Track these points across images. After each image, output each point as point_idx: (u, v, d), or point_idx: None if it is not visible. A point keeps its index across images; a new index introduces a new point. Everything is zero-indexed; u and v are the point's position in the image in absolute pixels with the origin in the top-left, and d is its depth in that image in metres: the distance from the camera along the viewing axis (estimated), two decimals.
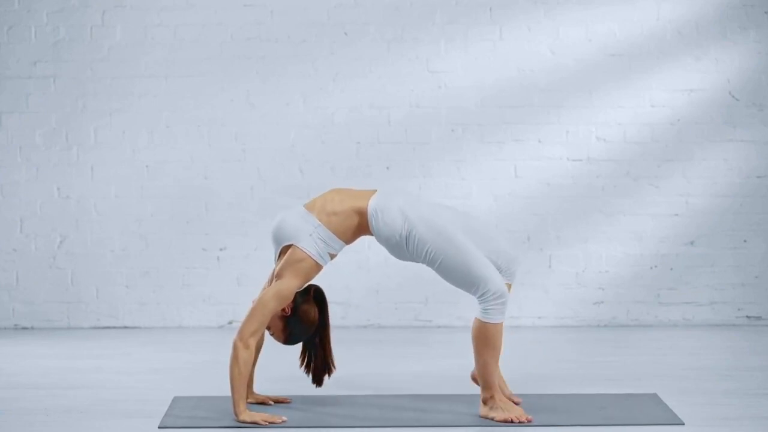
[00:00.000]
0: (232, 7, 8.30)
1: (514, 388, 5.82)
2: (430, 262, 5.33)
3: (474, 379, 5.64)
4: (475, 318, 5.32)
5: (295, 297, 5.37)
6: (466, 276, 5.28)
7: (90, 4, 8.31)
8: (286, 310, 5.35)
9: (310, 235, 5.32)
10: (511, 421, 5.26)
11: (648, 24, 8.35)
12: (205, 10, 8.31)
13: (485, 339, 5.29)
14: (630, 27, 8.35)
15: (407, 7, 8.33)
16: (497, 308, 5.27)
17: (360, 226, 5.38)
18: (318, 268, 5.33)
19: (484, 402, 5.36)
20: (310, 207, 5.39)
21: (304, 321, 5.39)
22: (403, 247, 5.37)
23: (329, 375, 5.49)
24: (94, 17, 8.32)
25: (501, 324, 5.30)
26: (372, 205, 5.35)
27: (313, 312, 5.40)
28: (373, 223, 5.35)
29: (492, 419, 5.30)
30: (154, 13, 8.31)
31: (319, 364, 5.46)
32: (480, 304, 5.29)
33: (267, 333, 5.50)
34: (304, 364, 5.49)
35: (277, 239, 5.40)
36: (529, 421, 5.26)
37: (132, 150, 8.34)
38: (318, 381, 5.49)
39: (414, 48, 8.34)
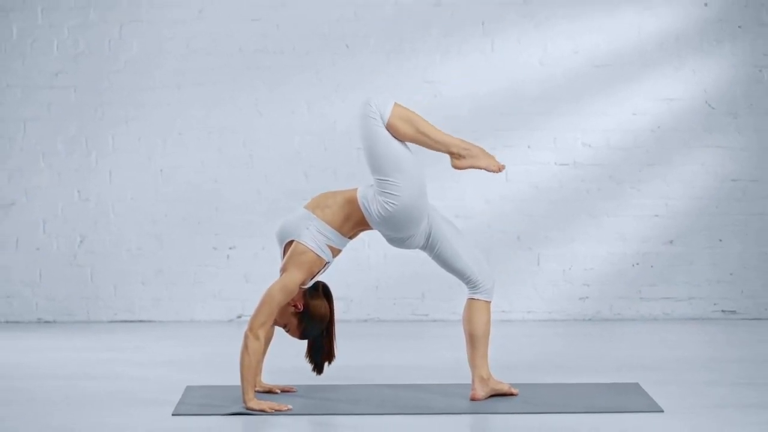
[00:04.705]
0: (241, 21, 8.30)
1: (505, 378, 5.82)
2: (406, 190, 5.27)
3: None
4: None
5: (305, 294, 5.37)
6: None
7: (108, 20, 8.31)
8: (299, 307, 5.35)
9: (308, 228, 5.31)
10: (496, 168, 5.31)
11: (631, 37, 8.35)
12: (216, 24, 8.30)
13: (401, 122, 5.25)
14: (614, 40, 8.35)
15: (405, 21, 8.33)
16: (383, 103, 5.26)
17: (352, 215, 5.34)
18: (320, 261, 5.31)
19: (460, 157, 5.36)
20: (307, 207, 5.40)
21: (316, 316, 5.38)
22: (400, 221, 5.30)
23: (329, 363, 5.49)
24: (111, 31, 8.32)
25: (397, 104, 5.24)
26: (361, 191, 5.35)
27: (324, 306, 5.40)
28: (366, 207, 5.31)
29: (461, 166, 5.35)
30: (168, 27, 8.31)
31: (322, 353, 5.46)
32: None
33: (282, 330, 5.49)
34: (309, 353, 5.49)
35: (280, 238, 5.42)
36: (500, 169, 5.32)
37: (147, 156, 8.34)
38: (319, 369, 5.49)
39: (411, 59, 8.33)
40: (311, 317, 5.38)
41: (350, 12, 8.32)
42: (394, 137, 5.27)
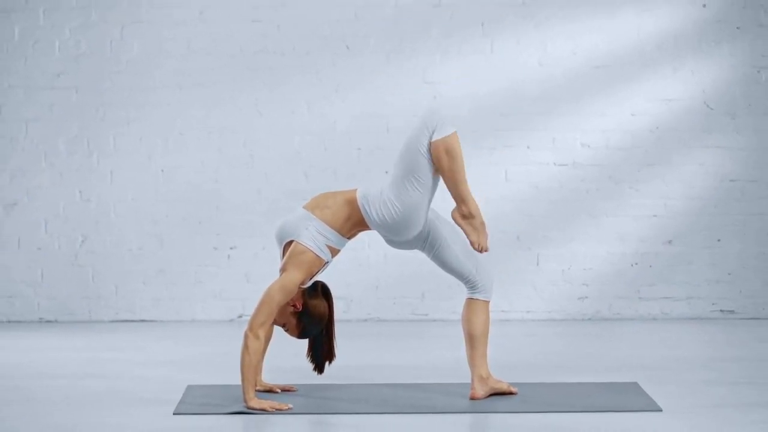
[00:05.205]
0: (241, 22, 8.30)
1: (505, 377, 5.82)
2: (414, 191, 5.27)
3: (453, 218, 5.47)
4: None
5: (304, 294, 5.37)
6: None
7: (109, 20, 8.31)
8: (297, 306, 5.35)
9: (307, 228, 5.32)
10: (480, 248, 5.31)
11: (630, 38, 8.34)
12: (216, 24, 8.30)
13: (442, 152, 5.22)
14: (613, 41, 8.35)
15: (405, 22, 8.33)
16: (442, 124, 5.24)
17: (352, 216, 5.35)
18: (319, 261, 5.31)
19: (463, 216, 5.34)
20: (306, 207, 5.40)
21: (315, 315, 5.38)
22: (398, 226, 5.31)
23: (330, 362, 5.48)
24: (113, 32, 8.32)
25: (453, 134, 5.21)
26: (360, 192, 5.35)
27: (323, 306, 5.39)
28: (365, 207, 5.32)
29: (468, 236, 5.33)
30: (169, 28, 8.31)
31: (322, 352, 5.46)
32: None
33: (280, 329, 5.49)
34: (310, 353, 5.49)
35: (279, 238, 5.42)
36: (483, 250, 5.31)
37: (148, 156, 8.34)
38: (320, 368, 5.49)
39: (411, 60, 8.33)
40: (310, 317, 5.37)
41: (350, 13, 8.32)
42: (428, 160, 5.24)
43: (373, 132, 8.33)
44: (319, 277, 5.44)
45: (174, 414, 5.18)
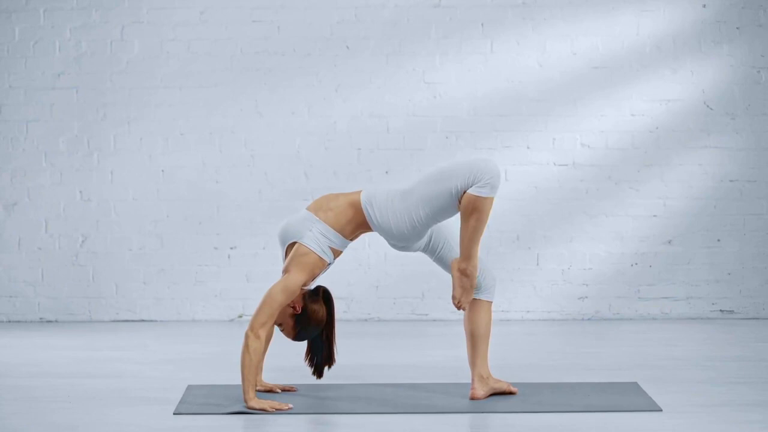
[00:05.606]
0: (242, 23, 8.29)
1: (504, 377, 5.81)
2: (427, 217, 5.27)
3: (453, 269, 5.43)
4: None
5: (305, 297, 5.36)
6: (452, 200, 5.24)
7: (110, 20, 8.30)
8: (297, 308, 5.34)
9: (310, 230, 5.32)
10: (458, 305, 5.29)
11: (629, 39, 8.34)
12: (217, 25, 8.30)
13: (472, 207, 5.21)
14: (612, 41, 8.34)
15: (405, 23, 8.32)
16: (488, 185, 5.21)
17: (355, 218, 5.35)
18: (322, 262, 5.32)
19: (460, 271, 5.31)
20: (310, 209, 5.40)
21: (313, 320, 5.37)
22: (401, 236, 5.31)
23: (329, 367, 5.48)
24: (113, 32, 8.31)
25: (491, 199, 5.21)
26: (365, 195, 5.35)
27: (322, 312, 5.38)
28: (368, 211, 5.32)
29: (457, 287, 5.29)
30: (170, 28, 8.30)
31: (322, 357, 5.45)
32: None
33: (277, 329, 5.49)
34: (308, 356, 5.48)
35: (282, 239, 5.41)
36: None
37: (149, 156, 8.33)
38: (319, 373, 5.48)
39: (411, 61, 8.33)
40: (308, 320, 5.37)
41: (350, 14, 8.32)
42: (453, 202, 5.22)
43: (373, 132, 8.32)
44: (320, 278, 5.43)
45: (174, 414, 5.17)
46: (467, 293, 5.32)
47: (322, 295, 5.40)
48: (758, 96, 8.34)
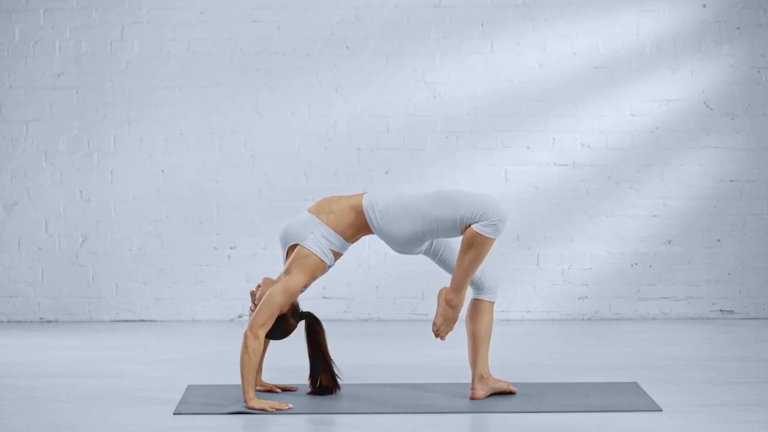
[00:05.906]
0: (242, 23, 8.29)
1: (504, 377, 5.80)
2: (428, 232, 5.27)
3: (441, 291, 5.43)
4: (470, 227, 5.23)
5: (293, 308, 5.39)
6: (459, 221, 5.23)
7: (110, 20, 8.30)
8: (283, 309, 5.36)
9: (312, 233, 5.32)
10: (437, 333, 5.28)
11: (629, 39, 8.33)
12: (217, 25, 8.29)
13: (472, 242, 5.21)
14: (612, 41, 8.33)
15: (405, 23, 8.32)
16: (493, 226, 5.23)
17: (356, 222, 5.35)
18: (323, 265, 5.32)
19: (447, 301, 5.30)
20: (311, 211, 5.40)
21: (283, 329, 5.41)
22: (401, 243, 5.31)
23: (333, 393, 5.52)
24: (113, 32, 8.31)
25: (492, 240, 5.22)
26: (366, 200, 5.35)
27: (291, 328, 5.43)
28: (370, 215, 5.32)
29: (438, 315, 5.28)
30: (170, 28, 8.29)
31: (326, 384, 5.51)
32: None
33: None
34: (314, 385, 5.53)
35: (284, 241, 5.42)
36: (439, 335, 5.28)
37: (149, 156, 8.33)
38: (325, 394, 5.52)
39: (411, 61, 8.32)
40: (280, 326, 5.38)
41: (350, 14, 8.31)
42: (456, 228, 5.21)
43: (373, 132, 8.31)
44: (320, 279, 5.45)
45: (174, 414, 5.16)
46: (448, 324, 5.33)
47: (306, 321, 5.45)
48: (758, 96, 8.33)
